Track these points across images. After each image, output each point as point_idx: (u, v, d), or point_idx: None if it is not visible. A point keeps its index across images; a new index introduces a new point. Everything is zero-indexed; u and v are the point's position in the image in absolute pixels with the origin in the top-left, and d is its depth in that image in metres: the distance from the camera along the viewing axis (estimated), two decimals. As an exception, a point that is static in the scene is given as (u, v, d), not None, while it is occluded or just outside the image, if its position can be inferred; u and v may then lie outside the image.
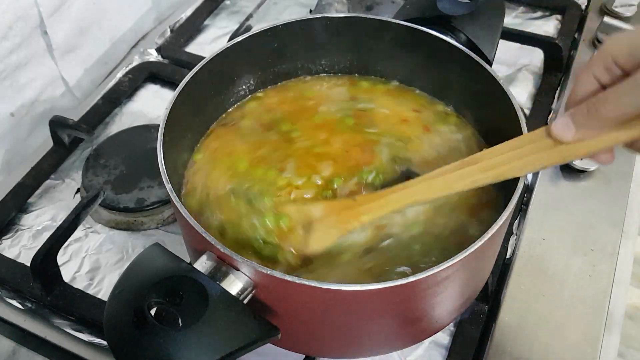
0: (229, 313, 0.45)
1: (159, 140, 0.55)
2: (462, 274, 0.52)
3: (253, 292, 0.48)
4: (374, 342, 0.56)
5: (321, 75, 0.74)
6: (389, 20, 0.67)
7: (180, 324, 0.44)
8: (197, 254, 0.50)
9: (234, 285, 0.47)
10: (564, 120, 0.47)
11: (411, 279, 0.46)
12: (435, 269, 0.46)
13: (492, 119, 0.63)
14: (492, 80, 0.60)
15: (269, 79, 0.72)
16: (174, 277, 0.45)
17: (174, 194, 0.52)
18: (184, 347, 0.42)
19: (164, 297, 0.44)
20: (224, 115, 0.70)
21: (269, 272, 0.46)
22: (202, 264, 0.48)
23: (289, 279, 0.45)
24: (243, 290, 0.47)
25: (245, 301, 0.47)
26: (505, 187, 0.61)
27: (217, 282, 0.46)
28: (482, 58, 0.63)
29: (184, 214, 0.50)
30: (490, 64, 0.66)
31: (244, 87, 0.71)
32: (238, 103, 0.71)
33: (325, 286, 0.45)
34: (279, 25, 0.67)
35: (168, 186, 0.52)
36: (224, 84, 0.69)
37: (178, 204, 0.51)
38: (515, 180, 0.51)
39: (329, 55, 0.72)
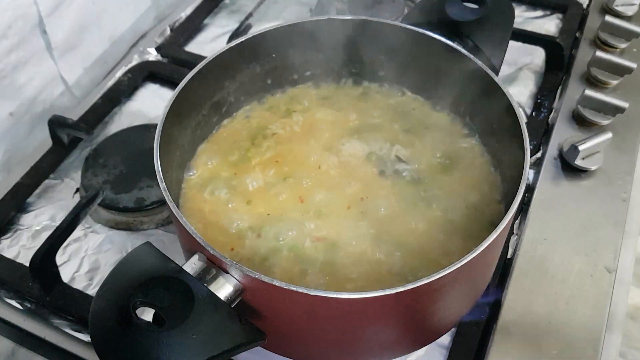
0: (214, 316, 0.44)
1: (156, 139, 0.55)
2: (463, 279, 0.51)
3: (242, 295, 0.48)
4: (363, 350, 0.56)
5: (323, 81, 0.74)
6: (397, 25, 0.66)
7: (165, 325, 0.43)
8: (189, 255, 0.49)
9: (222, 288, 0.47)
10: None
11: (408, 286, 0.45)
12: (431, 278, 0.46)
13: (493, 122, 0.63)
14: (494, 86, 0.60)
15: (271, 82, 0.72)
16: (160, 277, 0.45)
17: (167, 193, 0.51)
18: (167, 348, 0.42)
19: (149, 297, 0.44)
20: (224, 119, 0.70)
21: (257, 276, 0.46)
22: (192, 265, 0.48)
23: (277, 284, 0.45)
24: (231, 293, 0.47)
25: (233, 304, 0.47)
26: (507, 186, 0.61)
27: (205, 284, 0.46)
28: (488, 65, 0.62)
29: (176, 214, 0.50)
30: (497, 72, 0.65)
31: (245, 89, 0.71)
32: (239, 106, 0.71)
33: (313, 293, 0.45)
34: (282, 26, 0.66)
35: (162, 185, 0.52)
36: (225, 85, 0.68)
37: (171, 204, 0.51)
38: (517, 184, 0.51)
39: (331, 59, 0.72)
